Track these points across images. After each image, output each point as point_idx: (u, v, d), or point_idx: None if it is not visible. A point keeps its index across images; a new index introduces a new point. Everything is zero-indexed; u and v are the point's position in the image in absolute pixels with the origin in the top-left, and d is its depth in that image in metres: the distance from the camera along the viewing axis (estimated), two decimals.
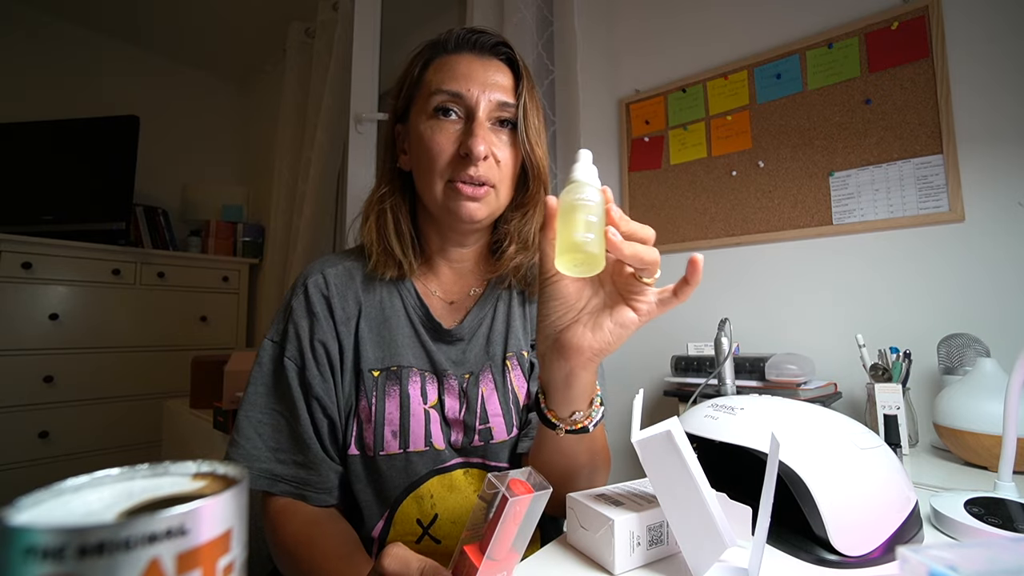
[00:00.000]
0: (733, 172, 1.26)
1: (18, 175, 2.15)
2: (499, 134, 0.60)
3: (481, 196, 0.58)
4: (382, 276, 0.63)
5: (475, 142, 0.55)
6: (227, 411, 1.46)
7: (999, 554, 0.22)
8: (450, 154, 0.57)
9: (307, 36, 2.28)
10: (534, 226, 0.65)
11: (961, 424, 0.71)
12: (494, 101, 0.58)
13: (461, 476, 0.61)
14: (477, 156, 0.55)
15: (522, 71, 0.61)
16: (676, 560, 0.42)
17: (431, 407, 0.60)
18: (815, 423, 0.46)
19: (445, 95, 0.58)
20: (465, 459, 0.61)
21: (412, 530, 0.58)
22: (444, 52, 0.61)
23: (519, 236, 0.65)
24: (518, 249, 0.65)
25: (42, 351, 1.96)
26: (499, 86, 0.59)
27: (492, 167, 0.58)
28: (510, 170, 0.61)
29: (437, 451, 0.59)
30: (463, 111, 0.58)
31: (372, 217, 0.63)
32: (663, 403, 1.26)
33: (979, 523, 0.46)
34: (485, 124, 0.58)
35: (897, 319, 1.03)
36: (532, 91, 0.62)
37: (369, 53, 1.61)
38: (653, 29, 1.44)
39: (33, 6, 2.32)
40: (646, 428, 0.39)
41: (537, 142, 0.61)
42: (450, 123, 0.58)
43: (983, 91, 0.97)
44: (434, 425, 0.59)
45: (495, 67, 0.60)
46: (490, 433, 0.61)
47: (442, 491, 0.59)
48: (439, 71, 0.60)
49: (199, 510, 0.16)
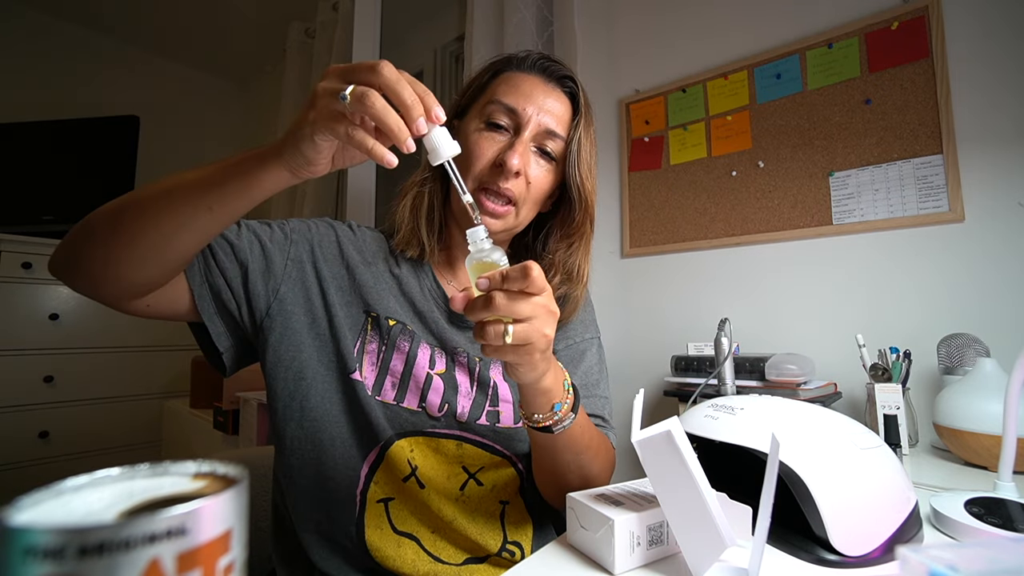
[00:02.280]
0: (733, 172, 1.26)
1: (18, 175, 2.15)
2: (538, 159, 0.62)
3: (501, 214, 0.61)
4: (403, 252, 0.65)
5: (511, 154, 0.58)
6: (227, 411, 1.46)
7: (999, 554, 0.22)
8: (487, 161, 0.60)
9: (307, 36, 2.28)
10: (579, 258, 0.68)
11: (961, 424, 0.71)
12: (544, 125, 0.61)
13: (453, 447, 0.61)
14: (510, 169, 0.58)
15: (581, 108, 0.64)
16: (676, 560, 0.42)
17: (437, 374, 0.61)
18: (815, 423, 0.46)
19: (500, 107, 0.61)
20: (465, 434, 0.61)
21: (404, 468, 0.59)
22: (516, 68, 0.64)
23: (564, 268, 0.67)
24: (562, 280, 0.67)
25: (42, 351, 1.96)
26: (553, 113, 0.62)
27: (520, 184, 0.61)
28: (538, 192, 0.63)
29: (429, 416, 0.60)
30: (512, 126, 0.61)
31: (410, 196, 0.66)
32: (663, 403, 1.26)
33: (979, 523, 0.46)
34: (528, 144, 0.61)
35: (897, 319, 1.03)
36: (589, 129, 0.65)
37: (369, 53, 1.62)
38: (653, 29, 1.44)
39: (33, 6, 2.32)
40: (646, 428, 0.39)
41: (587, 176, 0.64)
42: (498, 135, 0.61)
43: (983, 91, 0.97)
44: (433, 392, 0.60)
45: (556, 95, 0.63)
46: (497, 416, 0.62)
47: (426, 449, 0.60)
48: (503, 83, 0.63)
49: (199, 510, 0.16)
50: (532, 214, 0.65)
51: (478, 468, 0.62)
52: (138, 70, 2.67)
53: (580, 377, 0.68)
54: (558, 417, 0.49)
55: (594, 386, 0.69)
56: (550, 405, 0.48)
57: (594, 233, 0.69)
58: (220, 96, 3.01)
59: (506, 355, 0.41)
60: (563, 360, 0.69)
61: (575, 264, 0.67)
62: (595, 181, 0.66)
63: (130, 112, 2.28)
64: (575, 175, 0.63)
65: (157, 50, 2.71)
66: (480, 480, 0.62)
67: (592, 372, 0.70)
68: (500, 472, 0.63)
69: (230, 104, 3.06)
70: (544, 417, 0.48)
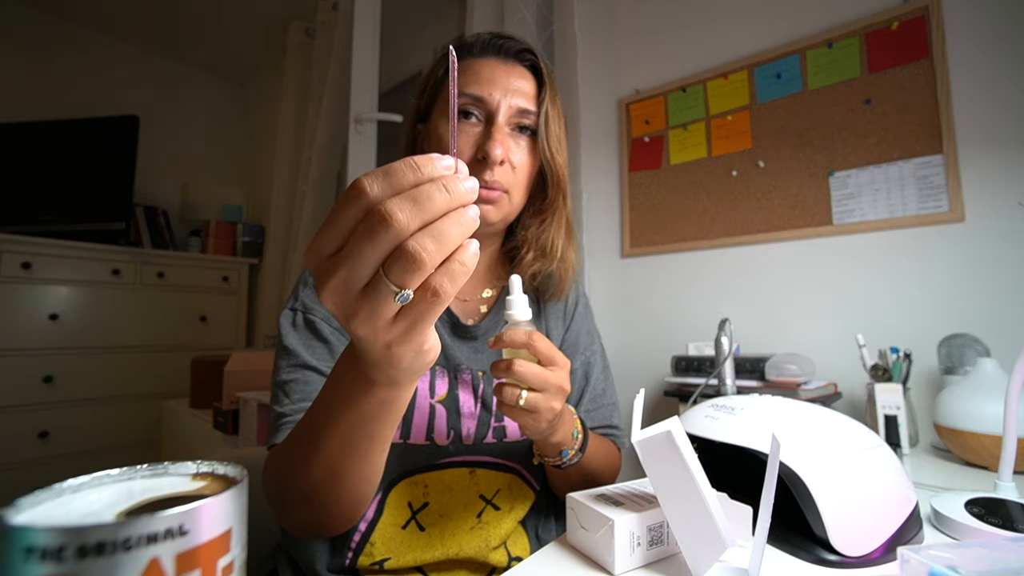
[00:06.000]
0: (733, 172, 1.26)
1: (18, 175, 2.15)
2: (517, 140, 0.60)
3: (494, 199, 0.59)
4: None
5: (492, 145, 0.56)
6: (227, 411, 1.46)
7: (999, 554, 0.22)
8: (467, 157, 0.58)
9: (307, 36, 2.28)
10: (552, 233, 0.66)
11: (961, 424, 0.71)
12: (515, 107, 0.59)
13: (466, 476, 0.60)
14: (494, 160, 0.56)
15: (545, 79, 0.62)
16: (676, 560, 0.42)
17: (438, 401, 0.60)
18: (815, 423, 0.46)
19: (466, 98, 0.58)
20: (475, 457, 0.61)
21: (403, 513, 0.58)
22: (469, 55, 0.62)
23: (537, 244, 0.66)
24: (535, 257, 0.66)
25: (42, 351, 1.96)
26: (521, 92, 0.60)
27: (507, 172, 0.59)
28: (525, 176, 0.61)
29: (438, 447, 0.59)
30: (483, 115, 0.59)
31: None
32: (663, 403, 1.26)
33: (979, 523, 0.46)
34: (504, 129, 0.59)
35: (897, 319, 1.02)
36: (555, 99, 0.63)
37: (369, 53, 1.61)
38: (653, 29, 1.44)
39: (34, 6, 2.32)
40: (646, 428, 0.39)
41: (558, 150, 0.62)
42: (470, 126, 0.59)
43: (983, 91, 0.97)
44: (439, 420, 0.59)
45: (518, 73, 0.61)
46: (504, 432, 0.61)
47: (440, 486, 0.59)
48: (462, 74, 0.60)
49: (199, 510, 0.16)
50: (525, 198, 0.63)
51: (494, 492, 0.62)
52: (138, 70, 2.67)
53: (589, 390, 0.69)
54: (565, 460, 0.54)
55: (601, 395, 0.70)
56: (558, 452, 0.53)
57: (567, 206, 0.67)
58: (220, 96, 3.01)
59: (518, 416, 0.46)
60: (577, 376, 0.69)
61: (548, 239, 0.65)
62: (565, 155, 0.64)
63: (130, 112, 2.28)
64: (545, 149, 0.61)
65: (157, 50, 2.71)
66: (497, 504, 0.62)
67: (599, 382, 0.70)
68: (515, 492, 0.63)
69: (230, 104, 3.06)
70: (553, 460, 0.54)
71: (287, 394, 0.54)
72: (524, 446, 0.62)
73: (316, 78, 2.09)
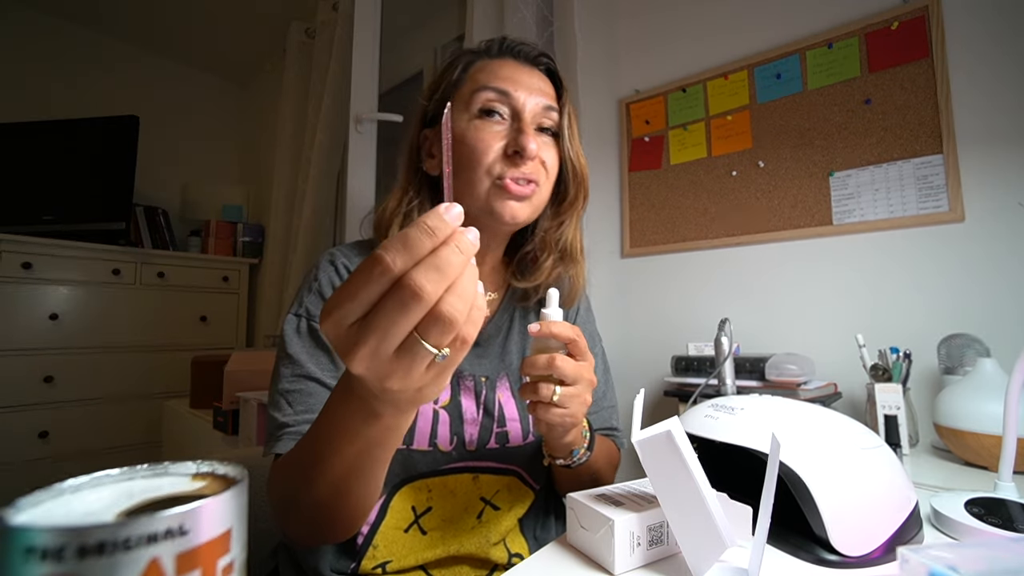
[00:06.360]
0: (733, 172, 1.26)
1: (18, 175, 2.15)
2: (542, 138, 0.60)
3: (528, 194, 0.57)
4: None
5: (527, 139, 0.55)
6: (227, 411, 1.46)
7: (999, 554, 0.22)
8: (497, 152, 0.56)
9: (307, 36, 2.28)
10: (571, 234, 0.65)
11: (961, 424, 0.71)
12: (540, 105, 0.59)
13: (469, 481, 0.60)
14: (530, 154, 0.55)
15: (562, 83, 0.63)
16: (676, 560, 0.42)
17: (442, 407, 0.59)
18: (815, 423, 0.46)
19: (492, 92, 0.57)
20: (477, 463, 0.61)
21: (406, 516, 0.58)
22: (486, 57, 0.62)
23: (556, 246, 0.65)
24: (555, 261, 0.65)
25: (42, 351, 1.96)
26: (543, 92, 0.60)
27: (539, 168, 0.58)
28: (554, 172, 0.61)
29: (441, 452, 0.59)
30: (508, 112, 0.58)
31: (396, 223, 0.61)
32: (663, 403, 1.26)
33: (979, 523, 0.46)
34: (532, 125, 0.58)
35: (897, 319, 1.02)
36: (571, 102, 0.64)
37: (369, 53, 1.61)
38: (653, 29, 1.44)
39: (33, 6, 2.32)
40: (646, 428, 0.39)
41: (580, 150, 0.63)
42: (495, 123, 0.57)
43: (983, 91, 0.97)
44: (442, 426, 0.59)
45: (538, 76, 0.62)
46: (506, 437, 0.61)
47: (443, 491, 0.60)
48: (481, 72, 0.60)
49: (199, 510, 0.16)
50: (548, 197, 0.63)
51: (494, 493, 0.62)
52: (138, 70, 2.67)
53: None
54: (575, 459, 0.55)
55: (602, 398, 0.70)
56: (569, 451, 0.55)
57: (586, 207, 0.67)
58: (220, 96, 3.01)
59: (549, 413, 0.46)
60: None
61: (567, 240, 0.65)
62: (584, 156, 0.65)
63: (130, 112, 2.28)
64: (569, 148, 0.61)
65: (157, 50, 2.71)
66: (496, 504, 0.62)
67: (600, 385, 0.70)
68: (514, 492, 0.63)
69: (230, 104, 3.05)
70: (564, 459, 0.56)
71: (290, 404, 0.54)
72: (525, 449, 0.62)
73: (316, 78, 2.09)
